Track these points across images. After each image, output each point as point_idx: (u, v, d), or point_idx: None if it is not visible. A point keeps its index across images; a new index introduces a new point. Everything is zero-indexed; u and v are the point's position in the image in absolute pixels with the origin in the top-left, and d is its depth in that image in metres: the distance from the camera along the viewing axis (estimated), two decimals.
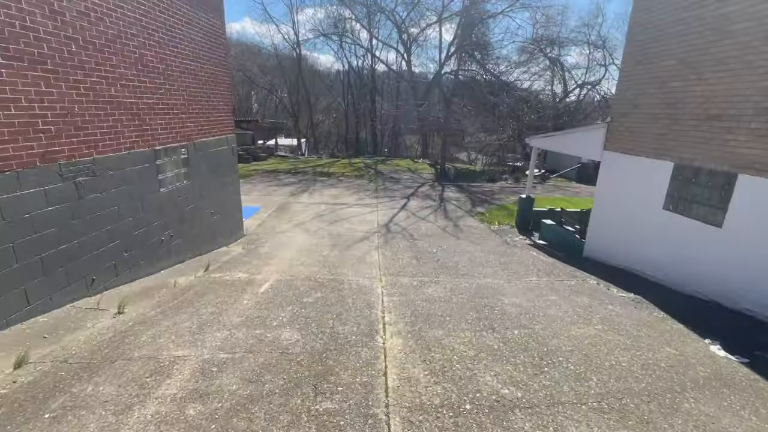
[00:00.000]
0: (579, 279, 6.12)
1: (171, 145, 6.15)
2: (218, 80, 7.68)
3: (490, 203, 13.75)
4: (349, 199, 13.51)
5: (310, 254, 7.38)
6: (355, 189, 15.63)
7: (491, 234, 9.79)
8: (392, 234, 9.47)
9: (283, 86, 40.03)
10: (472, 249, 8.13)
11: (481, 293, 5.19)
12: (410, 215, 11.60)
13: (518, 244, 8.92)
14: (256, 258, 7.07)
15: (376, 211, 12.01)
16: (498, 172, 20.68)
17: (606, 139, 6.97)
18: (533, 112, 25.16)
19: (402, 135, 44.41)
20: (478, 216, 11.72)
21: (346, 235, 9.28)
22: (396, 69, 35.27)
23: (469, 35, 26.63)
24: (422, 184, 17.70)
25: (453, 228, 10.26)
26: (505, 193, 15.89)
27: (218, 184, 7.86)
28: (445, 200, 14.03)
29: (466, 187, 17.12)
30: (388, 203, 13.17)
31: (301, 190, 14.86)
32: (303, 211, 11.64)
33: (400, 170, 21.82)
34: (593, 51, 33.47)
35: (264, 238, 8.96)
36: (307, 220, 10.67)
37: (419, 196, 14.71)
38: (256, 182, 16.42)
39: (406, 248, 8.06)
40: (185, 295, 4.82)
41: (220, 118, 7.82)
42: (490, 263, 7.00)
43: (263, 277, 5.75)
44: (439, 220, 11.16)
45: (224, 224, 8.15)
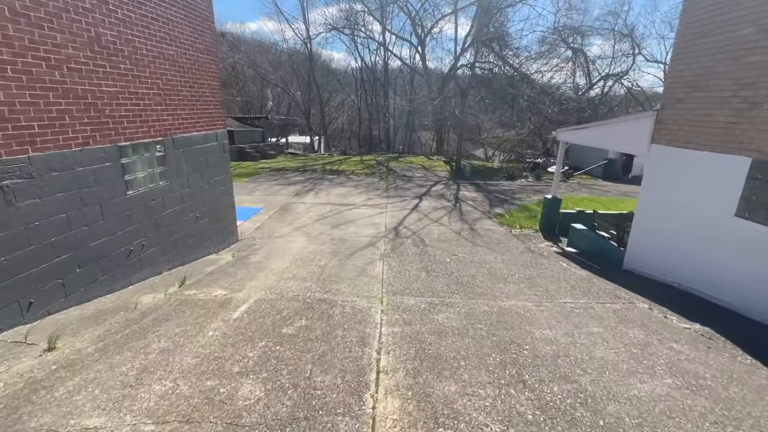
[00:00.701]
0: (624, 301, 5.03)
1: (142, 141, 5.34)
2: (204, 69, 6.85)
3: (510, 203, 12.60)
4: (356, 200, 12.59)
5: (305, 264, 6.49)
6: (364, 188, 14.70)
7: (512, 239, 8.70)
8: (401, 239, 8.50)
9: (295, 83, 39.41)
10: (492, 258, 7.09)
11: (505, 322, 4.18)
12: (422, 217, 10.60)
13: (544, 252, 7.81)
14: (244, 268, 6.22)
15: (385, 212, 11.06)
16: (517, 169, 19.41)
17: (654, 131, 5.81)
18: (555, 105, 23.66)
19: (416, 131, 43.25)
20: (497, 218, 10.62)
21: (350, 240, 8.36)
22: (410, 63, 34.12)
23: (486, 25, 25.26)
24: (436, 182, 16.63)
25: (469, 232, 9.21)
26: (526, 192, 14.68)
27: (206, 184, 7.05)
28: (461, 200, 12.96)
29: (483, 186, 15.97)
30: (398, 204, 12.19)
31: (307, 190, 14.03)
32: (306, 213, 10.79)
33: (414, 168, 20.78)
34: (619, 41, 31.64)
35: (259, 243, 8.13)
36: (309, 223, 9.80)
37: (433, 195, 13.68)
38: (262, 181, 15.69)
39: (416, 257, 7.08)
40: (144, 320, 3.98)
41: (207, 111, 7.00)
42: (513, 277, 5.95)
43: (244, 295, 4.88)
44: (454, 222, 10.12)
45: (213, 229, 7.35)
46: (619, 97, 34.02)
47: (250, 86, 40.67)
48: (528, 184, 16.99)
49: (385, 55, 33.59)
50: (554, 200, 9.25)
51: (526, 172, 19.27)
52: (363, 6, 30.54)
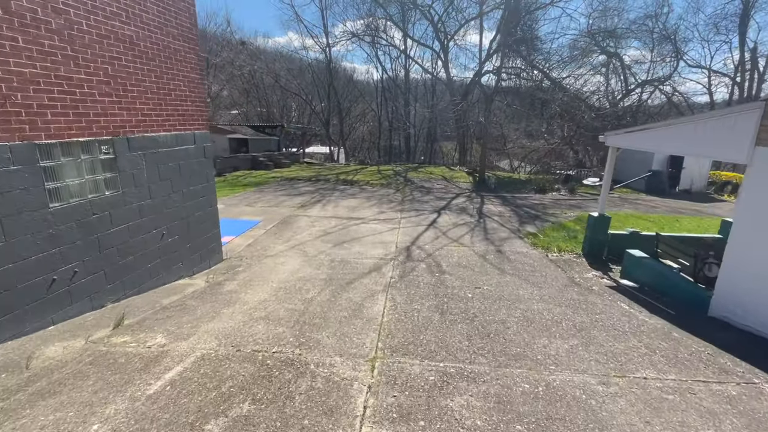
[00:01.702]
0: (739, 379, 3.39)
1: (78, 139, 4.20)
2: (179, 57, 5.76)
3: (543, 220, 10.94)
4: (367, 213, 11.26)
5: (288, 297, 5.17)
6: (377, 200, 13.37)
7: (550, 266, 7.09)
8: (413, 263, 7.07)
9: (315, 93, 39.00)
10: (527, 294, 5.54)
11: (561, 418, 2.68)
12: (440, 235, 9.13)
13: (593, 285, 6.18)
14: (210, 301, 4.96)
15: (398, 228, 9.66)
16: (548, 181, 17.62)
17: (761, 129, 4.20)
18: (591, 112, 21.76)
19: (438, 141, 41.87)
20: (529, 238, 9.01)
21: (352, 263, 7.00)
22: (431, 70, 32.96)
23: (513, 29, 23.80)
24: (457, 194, 15.11)
25: (496, 255, 7.67)
26: (560, 207, 12.94)
27: (177, 195, 5.89)
28: (485, 215, 11.40)
29: (510, 199, 14.32)
30: (414, 218, 10.77)
31: (315, 201, 12.83)
32: (308, 228, 9.54)
33: (433, 178, 19.34)
34: (658, 45, 29.43)
35: (245, 264, 6.89)
36: (309, 240, 8.52)
37: (453, 209, 12.18)
38: (269, 191, 14.64)
39: (428, 289, 5.63)
40: (18, 394, 2.73)
41: (181, 108, 5.88)
42: (560, 326, 4.40)
43: (188, 346, 3.59)
44: (478, 242, 8.60)
45: (187, 248, 6.16)
46: (659, 105, 31.59)
47: (271, 96, 40.59)
48: (561, 197, 15.21)
49: (406, 63, 32.62)
50: (601, 219, 7.60)
51: (558, 184, 17.45)
52: (384, 13, 29.76)
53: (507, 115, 35.73)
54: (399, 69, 34.51)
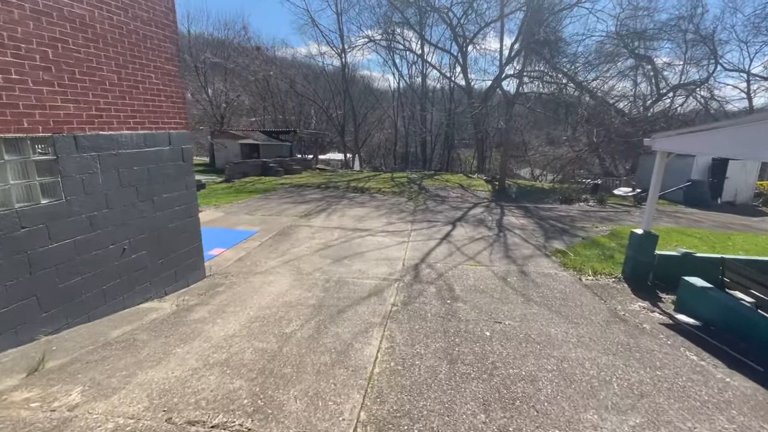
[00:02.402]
0: None
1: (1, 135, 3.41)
2: (150, 45, 4.98)
3: (572, 235, 9.70)
4: (374, 224, 10.29)
5: (264, 330, 4.23)
6: (387, 209, 12.40)
7: (585, 293, 5.93)
8: (420, 285, 6.04)
9: (331, 99, 38.60)
10: (561, 333, 4.43)
11: None
12: (454, 251, 8.06)
13: (644, 321, 4.99)
14: (167, 334, 4.07)
15: (407, 242, 8.64)
16: (575, 190, 16.26)
17: None
18: (621, 117, 20.28)
19: (455, 149, 40.74)
20: (557, 256, 7.83)
21: (350, 284, 6.04)
22: (449, 75, 31.99)
23: (536, 31, 22.63)
24: (475, 204, 13.98)
25: (519, 277, 6.55)
26: (590, 220, 11.64)
27: (146, 204, 5.07)
28: (506, 228, 10.24)
29: (533, 210, 13.09)
30: (425, 231, 9.73)
31: (320, 210, 11.96)
32: (308, 240, 8.64)
33: (450, 186, 18.25)
34: (692, 47, 27.61)
35: (228, 283, 6.02)
36: (307, 254, 7.61)
37: (470, 220, 11.07)
38: (274, 198, 13.90)
39: (436, 323, 4.59)
40: None
41: (153, 104, 5.09)
42: (611, 389, 3.29)
43: (103, 411, 2.68)
44: (497, 260, 7.49)
45: (159, 265, 5.33)
46: (693, 111, 29.55)
47: (286, 102, 40.44)
48: (590, 209, 13.85)
49: (423, 68, 31.76)
50: (648, 237, 6.37)
51: (585, 194, 16.06)
52: (401, 17, 29.07)
53: (528, 121, 34.34)
54: (416, 74, 33.70)
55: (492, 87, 25.30)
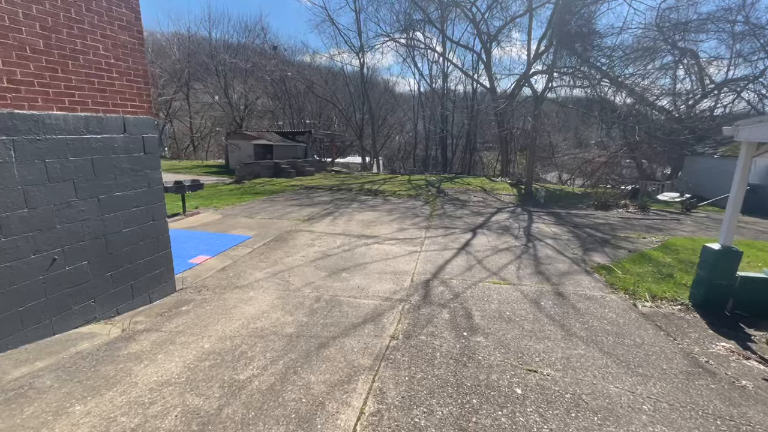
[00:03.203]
0: None
1: None
2: (96, 7, 4.04)
3: (615, 247, 8.22)
4: (384, 230, 9.13)
5: (211, 375, 3.15)
6: (399, 214, 11.22)
7: (645, 326, 4.55)
8: (430, 308, 4.83)
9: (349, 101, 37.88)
10: (625, 394, 3.13)
11: None
12: (474, 264, 6.79)
13: (740, 375, 3.60)
14: (78, 379, 3.05)
15: (419, 252, 7.44)
16: (612, 195, 14.57)
17: None
18: (664, 115, 18.37)
19: (477, 151, 39.15)
20: (600, 273, 6.43)
21: (344, 304, 4.91)
22: (472, 74, 30.57)
23: (566, 23, 20.99)
24: (499, 209, 12.60)
25: (555, 300, 5.23)
26: (634, 229, 10.06)
27: (90, 203, 4.11)
28: (536, 237, 8.86)
29: (565, 217, 11.59)
30: (441, 239, 8.49)
31: (326, 213, 10.92)
32: (306, 247, 7.58)
33: (471, 190, 16.88)
34: (741, 40, 25.13)
35: (197, 301, 5.01)
36: (300, 265, 6.54)
37: (493, 228, 9.73)
38: (280, 200, 12.98)
39: (447, 370, 3.38)
40: None
41: (100, 80, 4.14)
42: None
43: None
44: (527, 277, 6.17)
45: (106, 278, 4.36)
46: (742, 110, 26.92)
47: (305, 104, 40.02)
48: (631, 216, 12.21)
49: (444, 66, 30.47)
50: (728, 254, 4.93)
51: (624, 199, 14.34)
52: (422, 14, 27.97)
53: (558, 120, 32.39)
54: (437, 73, 32.45)
55: (518, 84, 23.72)
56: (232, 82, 36.54)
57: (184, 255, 6.91)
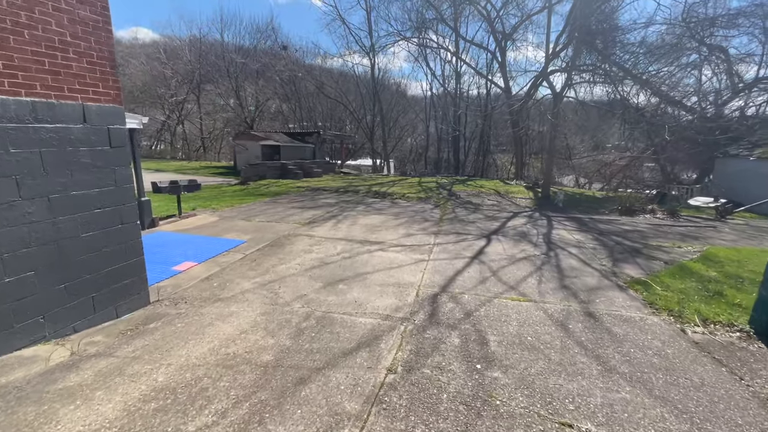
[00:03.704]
0: None
1: None
2: None
3: (648, 257, 7.32)
4: (390, 235, 8.41)
5: (155, 422, 2.48)
6: (407, 218, 10.49)
7: (701, 359, 3.72)
8: (437, 330, 4.10)
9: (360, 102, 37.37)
10: None
11: None
12: (488, 276, 6.01)
13: None
14: None
15: (427, 260, 6.70)
16: (637, 199, 13.55)
17: None
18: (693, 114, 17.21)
19: (491, 154, 38.15)
20: (636, 289, 5.57)
21: (335, 323, 4.22)
22: (485, 73, 29.69)
23: (587, 19, 19.99)
24: (515, 213, 11.75)
25: (585, 322, 4.42)
26: (667, 237, 9.11)
27: (38, 204, 3.52)
28: (557, 245, 8.02)
29: (588, 223, 10.67)
30: (452, 246, 7.73)
31: (330, 216, 10.26)
32: (303, 253, 6.93)
33: (484, 193, 16.04)
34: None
35: (170, 316, 4.38)
36: (294, 274, 5.88)
37: (509, 234, 8.91)
38: (283, 202, 12.41)
39: (456, 421, 2.64)
40: None
41: (51, 60, 3.55)
42: None
43: None
44: (550, 293, 5.37)
45: (59, 291, 3.75)
46: None
47: (316, 106, 39.68)
48: (660, 222, 11.21)
49: (458, 65, 29.67)
50: None
51: (651, 204, 13.30)
52: (434, 13, 27.26)
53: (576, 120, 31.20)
54: (450, 74, 31.65)
55: (534, 84, 22.74)
56: (243, 84, 36.45)
57: (169, 261, 6.33)
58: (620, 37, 20.23)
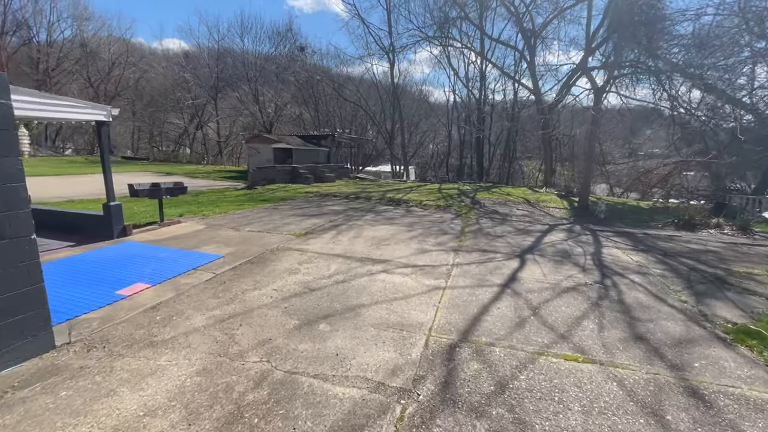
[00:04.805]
0: None
1: None
2: None
3: (741, 289, 5.49)
4: (399, 251, 6.90)
5: None
6: (423, 229, 8.94)
7: None
8: (453, 416, 2.58)
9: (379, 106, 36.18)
10: None
11: None
12: (527, 315, 4.40)
13: None
14: None
15: (443, 288, 5.15)
16: (698, 211, 11.48)
17: None
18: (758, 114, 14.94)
19: (517, 160, 36.03)
20: (747, 343, 3.84)
21: (300, 395, 2.77)
22: (513, 75, 27.85)
23: (629, 8, 17.97)
24: (551, 226, 9.98)
25: (692, 412, 2.78)
26: (752, 261, 7.17)
27: None
28: (612, 270, 6.27)
29: (643, 239, 8.79)
30: (476, 268, 6.13)
31: (332, 226, 8.86)
32: (287, 274, 5.53)
33: (512, 201, 14.27)
34: None
35: (62, 375, 3.05)
36: (267, 305, 4.48)
37: (547, 253, 7.21)
38: (284, 209, 11.13)
39: None
40: None
41: None
42: None
43: None
44: (619, 347, 3.71)
45: None
46: None
47: (336, 110, 38.79)
48: (733, 240, 9.17)
49: (482, 65, 27.99)
50: None
51: (717, 217, 11.19)
52: (458, 11, 25.76)
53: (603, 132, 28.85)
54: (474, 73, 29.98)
55: (567, 83, 20.76)
56: (261, 88, 36.03)
57: (118, 281, 5.05)
58: (668, 28, 18.09)
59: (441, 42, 26.53)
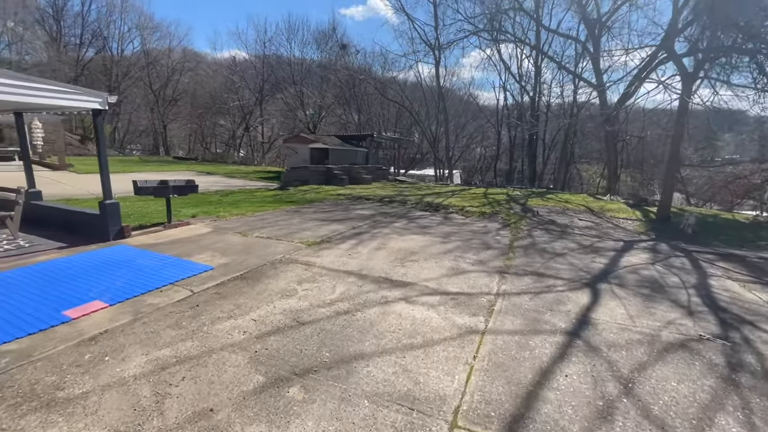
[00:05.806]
0: None
1: None
2: None
3: None
4: (427, 270, 5.45)
5: None
6: (461, 241, 7.38)
7: None
8: None
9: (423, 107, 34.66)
10: None
11: None
12: (611, 394, 2.78)
13: None
14: None
15: (482, 333, 3.64)
16: None
17: None
18: None
19: (575, 163, 32.69)
20: None
21: None
22: (573, 69, 25.09)
23: None
24: (627, 243, 7.93)
25: None
26: None
27: None
28: (732, 312, 4.36)
29: (763, 266, 6.55)
30: (529, 301, 4.51)
31: (354, 233, 7.59)
32: (279, 297, 4.32)
33: (571, 210, 12.14)
34: None
35: None
36: (234, 345, 3.27)
37: (629, 282, 5.36)
38: (307, 212, 10.08)
39: None
40: None
41: None
42: None
43: None
44: None
45: None
46: None
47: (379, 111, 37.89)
48: None
49: (538, 59, 25.55)
50: None
51: None
52: (512, 1, 23.63)
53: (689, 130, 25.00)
54: (528, 69, 27.53)
55: (639, 75, 17.93)
56: (306, 90, 36.10)
57: (75, 298, 4.13)
58: None
59: (492, 36, 24.52)
